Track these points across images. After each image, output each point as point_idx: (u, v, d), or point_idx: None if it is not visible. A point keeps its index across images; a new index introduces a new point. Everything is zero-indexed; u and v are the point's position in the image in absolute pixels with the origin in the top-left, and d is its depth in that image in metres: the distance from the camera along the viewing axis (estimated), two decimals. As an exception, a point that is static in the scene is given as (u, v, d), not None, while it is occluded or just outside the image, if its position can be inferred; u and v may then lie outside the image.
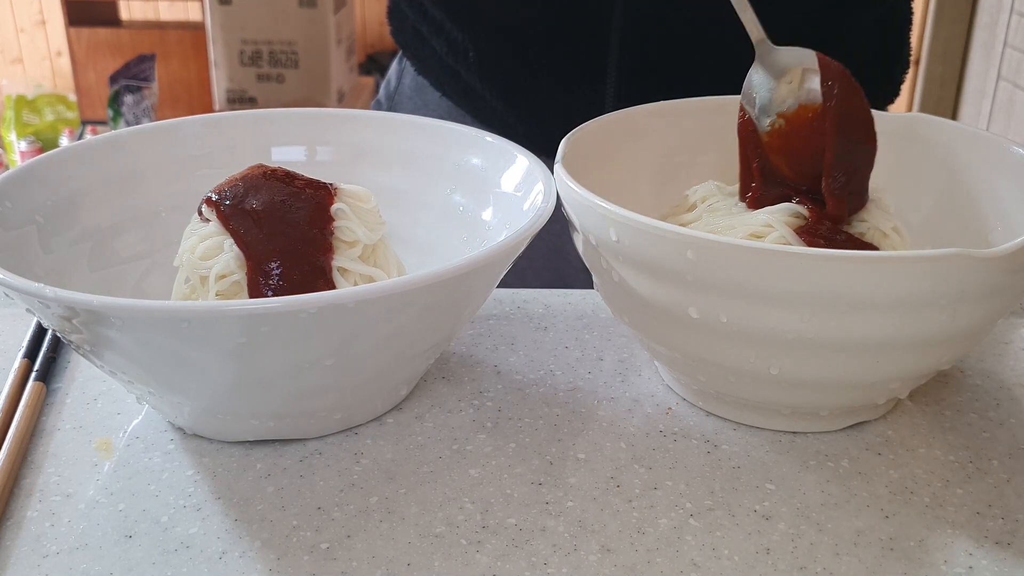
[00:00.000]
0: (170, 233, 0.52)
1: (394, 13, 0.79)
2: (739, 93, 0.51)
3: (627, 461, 0.45)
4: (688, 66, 0.67)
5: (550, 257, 0.74)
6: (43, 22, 2.92)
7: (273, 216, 0.45)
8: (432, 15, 0.72)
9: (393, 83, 0.82)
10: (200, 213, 0.47)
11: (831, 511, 0.42)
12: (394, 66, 0.83)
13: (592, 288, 0.80)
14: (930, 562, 0.39)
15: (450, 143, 0.56)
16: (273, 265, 0.44)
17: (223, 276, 0.45)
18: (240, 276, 0.45)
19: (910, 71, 2.22)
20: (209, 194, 0.46)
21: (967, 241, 0.51)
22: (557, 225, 0.49)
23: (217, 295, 0.45)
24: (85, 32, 2.83)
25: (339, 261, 0.46)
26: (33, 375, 0.50)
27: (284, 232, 0.45)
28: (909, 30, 0.76)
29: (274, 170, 0.48)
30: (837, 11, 0.68)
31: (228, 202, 0.45)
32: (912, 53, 0.79)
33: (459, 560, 0.39)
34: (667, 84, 0.63)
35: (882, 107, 0.75)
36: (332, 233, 0.46)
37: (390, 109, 0.81)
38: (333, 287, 0.45)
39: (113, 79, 2.67)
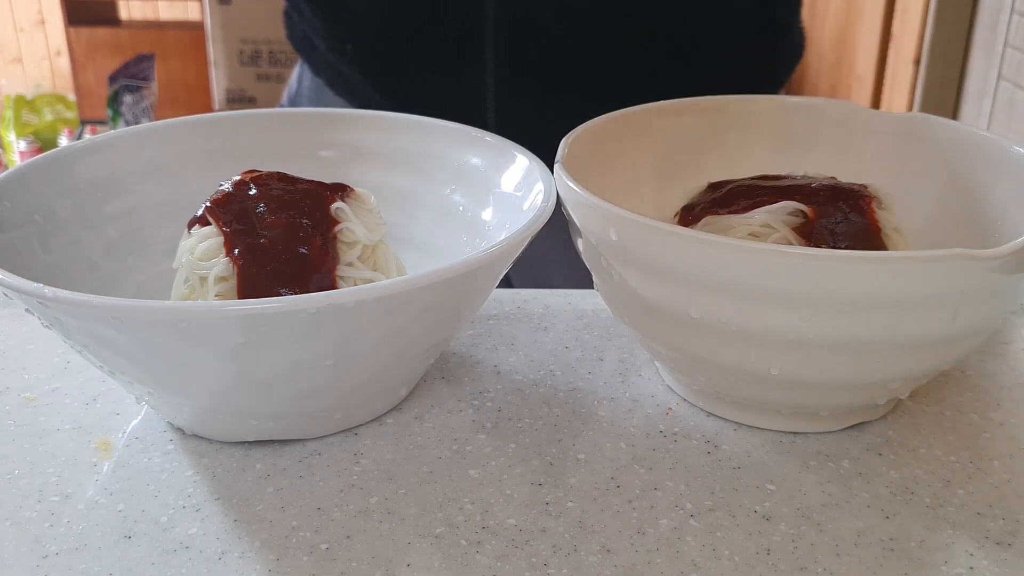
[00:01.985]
0: (171, 233, 0.52)
1: (286, 16, 0.79)
2: (618, 72, 0.48)
3: (627, 461, 0.45)
4: (565, 48, 0.66)
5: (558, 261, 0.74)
6: (42, 22, 2.92)
7: (278, 255, 0.44)
8: (307, 15, 0.73)
9: (295, 86, 0.82)
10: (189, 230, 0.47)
11: (832, 511, 0.42)
12: (296, 68, 0.82)
13: (580, 288, 0.79)
14: (931, 563, 0.39)
15: (450, 143, 0.56)
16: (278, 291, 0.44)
17: (223, 279, 0.45)
18: (240, 276, 0.45)
19: (909, 71, 2.21)
20: (205, 211, 0.46)
21: (967, 241, 0.51)
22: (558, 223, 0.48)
23: (217, 296, 0.45)
24: (84, 32, 2.83)
25: (340, 269, 0.46)
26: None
27: (291, 266, 0.45)
28: (797, 8, 0.75)
29: (272, 180, 0.47)
30: None
31: (228, 228, 0.45)
32: (806, 32, 0.78)
33: (459, 560, 0.39)
34: (547, 62, 0.62)
35: (775, 90, 0.74)
36: (335, 239, 0.46)
37: None
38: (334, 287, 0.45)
39: (112, 79, 2.67)
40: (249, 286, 0.44)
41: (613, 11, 0.52)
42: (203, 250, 0.45)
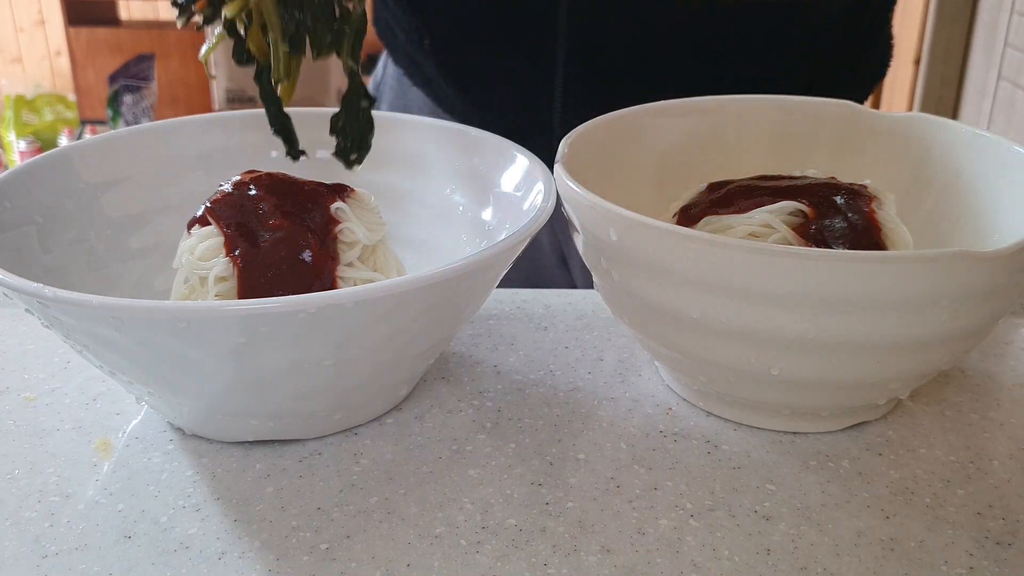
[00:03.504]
0: (170, 233, 0.52)
1: (374, 3, 0.80)
2: (686, 68, 0.48)
3: (627, 461, 0.45)
4: (636, 55, 0.67)
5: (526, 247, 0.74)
6: (42, 22, 2.92)
7: (279, 261, 0.45)
8: (391, 4, 0.74)
9: (379, 73, 0.84)
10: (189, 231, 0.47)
11: (832, 511, 0.42)
12: (382, 56, 0.84)
13: (565, 276, 0.79)
14: (931, 563, 0.39)
15: (450, 143, 0.56)
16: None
17: (223, 279, 0.45)
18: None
19: (909, 71, 2.21)
20: (205, 211, 0.46)
21: (967, 241, 0.51)
22: None
23: (216, 297, 0.45)
24: (84, 32, 2.83)
25: (340, 269, 0.46)
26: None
27: (292, 271, 0.45)
28: (888, 17, 0.75)
29: (272, 180, 0.47)
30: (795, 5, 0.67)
31: (229, 229, 0.45)
32: (894, 43, 0.78)
33: (459, 561, 0.39)
34: (617, 67, 0.62)
35: (860, 99, 0.74)
36: (335, 239, 0.46)
37: (376, 99, 0.83)
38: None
39: (112, 79, 2.67)
40: (249, 288, 0.44)
41: (690, 21, 0.51)
42: (203, 250, 0.45)
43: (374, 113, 0.59)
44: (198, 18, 0.46)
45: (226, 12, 0.43)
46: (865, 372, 0.42)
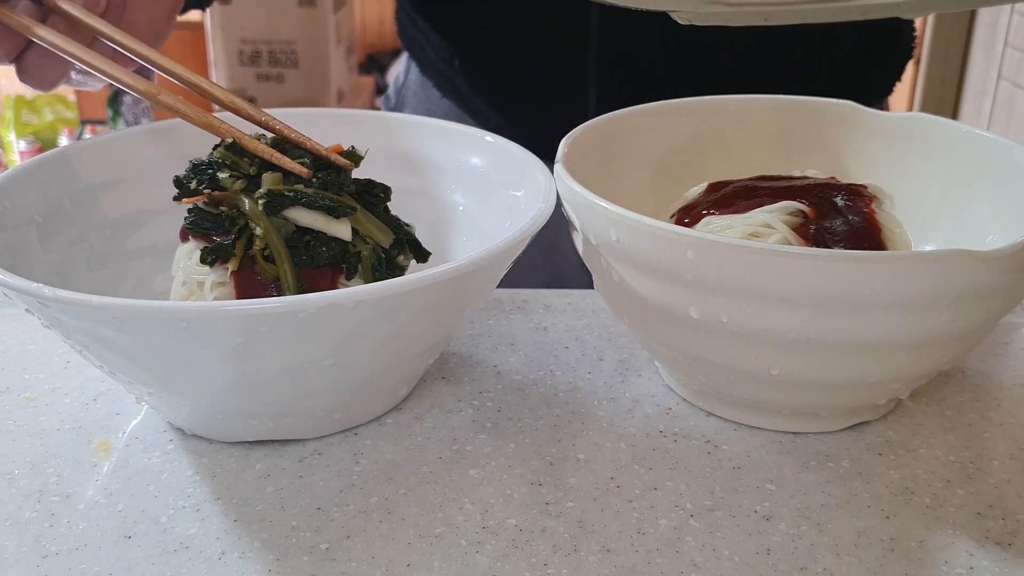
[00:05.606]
0: (170, 233, 0.52)
1: (398, 16, 0.81)
2: (719, 80, 0.48)
3: (627, 461, 0.45)
4: (667, 71, 0.67)
5: (548, 252, 0.74)
6: (42, 22, 2.92)
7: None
8: (419, 23, 0.74)
9: (401, 78, 0.84)
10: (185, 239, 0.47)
11: (832, 511, 0.42)
12: (403, 61, 0.85)
13: (589, 282, 0.79)
14: (931, 563, 0.39)
15: (450, 143, 0.56)
16: None
17: (220, 284, 0.45)
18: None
19: (910, 71, 2.20)
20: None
21: (967, 241, 0.51)
22: (554, 219, 0.48)
23: (215, 300, 0.45)
24: (85, 32, 2.82)
25: (341, 278, 0.46)
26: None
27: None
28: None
29: None
30: None
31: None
32: (916, 44, 0.78)
33: (459, 561, 0.39)
34: (650, 80, 0.62)
35: (880, 97, 0.74)
36: None
37: (398, 103, 0.83)
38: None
39: (113, 79, 2.66)
40: (247, 293, 0.44)
41: (720, 32, 0.52)
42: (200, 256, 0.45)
43: (377, 114, 0.59)
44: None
45: (230, 266, 0.44)
46: (865, 372, 0.42)
